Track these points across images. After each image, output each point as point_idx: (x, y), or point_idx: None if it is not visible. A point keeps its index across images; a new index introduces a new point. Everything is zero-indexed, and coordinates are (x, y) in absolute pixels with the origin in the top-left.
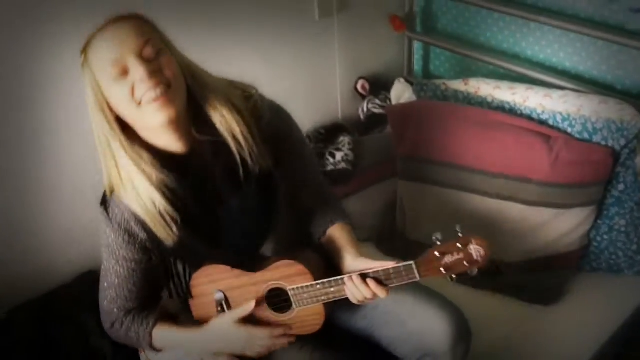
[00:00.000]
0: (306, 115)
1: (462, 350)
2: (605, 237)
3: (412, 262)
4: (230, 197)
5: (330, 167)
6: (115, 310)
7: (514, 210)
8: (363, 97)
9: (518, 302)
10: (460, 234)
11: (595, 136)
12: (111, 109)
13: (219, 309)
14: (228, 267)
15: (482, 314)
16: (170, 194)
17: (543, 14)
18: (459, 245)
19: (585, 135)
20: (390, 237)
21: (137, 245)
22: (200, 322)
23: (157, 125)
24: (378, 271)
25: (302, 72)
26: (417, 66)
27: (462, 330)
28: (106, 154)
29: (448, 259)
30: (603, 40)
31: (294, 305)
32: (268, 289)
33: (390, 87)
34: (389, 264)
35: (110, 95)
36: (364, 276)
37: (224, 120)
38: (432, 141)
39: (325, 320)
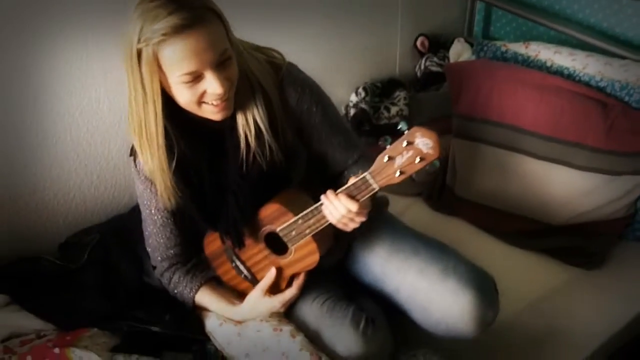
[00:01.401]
0: (364, 68)
1: (490, 317)
2: None
3: (366, 173)
4: (232, 178)
5: (384, 121)
6: (159, 258)
7: (564, 174)
8: (422, 54)
9: (560, 264)
10: (405, 131)
11: None
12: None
13: (233, 265)
14: None
15: (524, 273)
16: (186, 163)
17: None
18: (405, 143)
19: None
20: (439, 193)
21: (161, 197)
22: (227, 283)
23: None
24: (342, 188)
25: (364, 25)
26: (478, 27)
27: (485, 303)
28: (139, 120)
29: (399, 160)
30: None
31: (288, 245)
32: (264, 234)
33: (449, 46)
34: (350, 181)
35: (172, 89)
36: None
37: (246, 124)
38: (489, 101)
39: (321, 254)
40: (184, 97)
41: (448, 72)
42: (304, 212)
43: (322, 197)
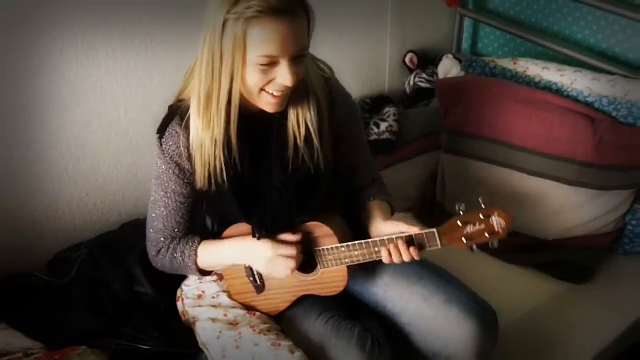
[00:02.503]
0: (354, 85)
1: (489, 348)
2: None
3: (434, 229)
4: (277, 175)
5: (374, 137)
6: (162, 239)
7: (554, 189)
8: (411, 70)
9: (550, 279)
10: (483, 206)
11: None
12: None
13: (251, 279)
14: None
15: (514, 288)
16: (233, 146)
17: None
18: (481, 216)
19: (630, 120)
20: (429, 209)
21: (185, 180)
22: (227, 281)
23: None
24: (405, 235)
25: (354, 42)
26: (466, 44)
27: (487, 335)
28: (210, 83)
29: (470, 229)
30: None
31: (318, 266)
32: None
33: (438, 62)
34: (414, 229)
35: (245, 68)
36: (395, 239)
37: (297, 125)
38: (479, 117)
39: (346, 286)
40: (253, 79)
41: (438, 88)
42: (353, 243)
43: (387, 240)
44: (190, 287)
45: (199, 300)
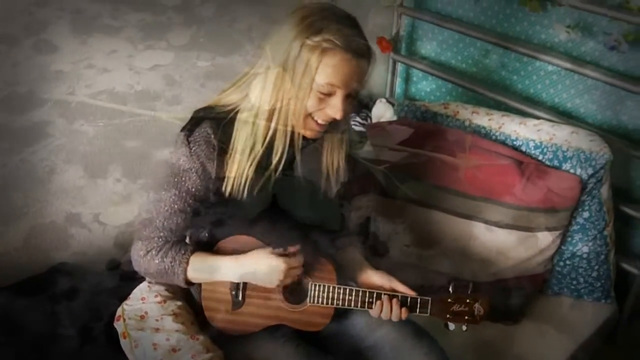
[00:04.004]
0: None
1: None
2: (568, 262)
3: (429, 298)
4: (304, 196)
5: None
6: (156, 238)
7: (483, 231)
8: None
9: (482, 321)
10: (470, 290)
11: (565, 164)
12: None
13: (233, 292)
14: (259, 242)
15: (447, 330)
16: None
17: (522, 46)
18: (468, 300)
19: (556, 163)
20: (363, 251)
21: (204, 183)
22: (203, 292)
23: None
24: (399, 296)
25: None
26: (399, 88)
27: None
28: (277, 88)
29: (456, 307)
30: (579, 75)
31: (307, 300)
32: None
33: (371, 106)
34: (410, 292)
35: (309, 92)
36: (391, 296)
37: (330, 157)
38: (409, 159)
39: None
40: (310, 102)
41: (370, 132)
42: (350, 288)
43: (385, 297)
44: (133, 306)
45: (142, 322)
